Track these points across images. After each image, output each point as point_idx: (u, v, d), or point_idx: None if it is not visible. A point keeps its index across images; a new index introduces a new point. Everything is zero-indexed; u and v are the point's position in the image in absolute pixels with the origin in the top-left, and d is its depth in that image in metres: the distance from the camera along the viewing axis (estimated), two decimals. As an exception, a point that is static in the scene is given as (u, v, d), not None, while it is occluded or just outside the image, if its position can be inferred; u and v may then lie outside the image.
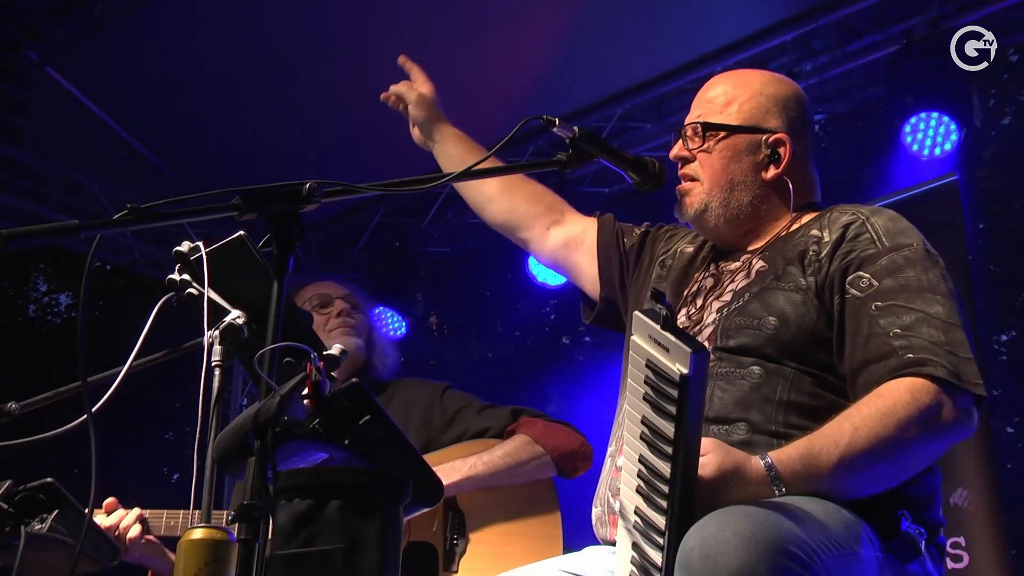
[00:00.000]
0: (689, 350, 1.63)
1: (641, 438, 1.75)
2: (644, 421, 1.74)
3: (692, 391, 1.65)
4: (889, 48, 4.91)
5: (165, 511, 3.09)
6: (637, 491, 1.77)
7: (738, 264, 2.30)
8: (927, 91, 4.66)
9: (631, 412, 1.78)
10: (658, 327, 1.68)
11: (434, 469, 3.02)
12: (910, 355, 1.98)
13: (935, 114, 4.68)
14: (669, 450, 1.69)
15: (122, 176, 6.21)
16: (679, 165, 2.38)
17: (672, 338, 1.66)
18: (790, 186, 2.33)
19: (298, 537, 1.43)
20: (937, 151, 4.75)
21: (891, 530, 1.97)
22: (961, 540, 4.14)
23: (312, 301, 3.44)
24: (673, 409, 1.67)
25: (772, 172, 2.32)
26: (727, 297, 2.23)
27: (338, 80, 5.57)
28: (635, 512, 1.78)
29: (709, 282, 2.31)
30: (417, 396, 3.37)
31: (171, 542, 3.05)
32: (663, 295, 1.72)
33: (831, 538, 1.78)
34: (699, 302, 2.28)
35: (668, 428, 1.69)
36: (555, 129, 2.09)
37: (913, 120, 4.73)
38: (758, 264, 2.25)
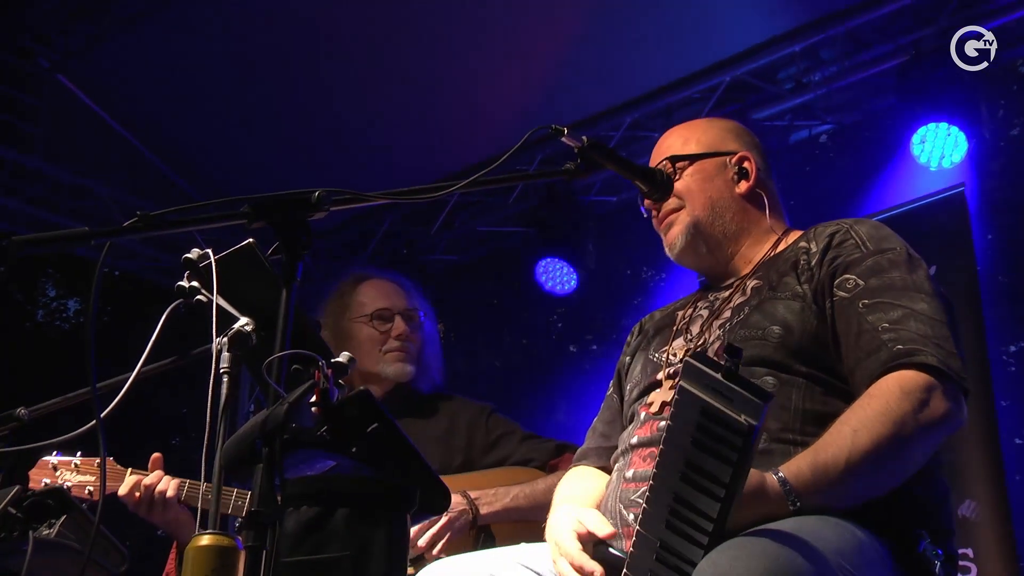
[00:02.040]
0: (761, 402, 1.64)
1: (683, 479, 1.73)
2: (690, 464, 1.72)
3: (756, 438, 1.67)
4: (898, 59, 4.90)
5: (207, 483, 3.07)
6: (669, 527, 1.76)
7: (731, 290, 2.34)
8: (936, 102, 4.65)
9: (669, 452, 1.76)
10: (719, 376, 1.67)
11: (478, 493, 3.06)
12: (900, 346, 2.01)
13: (944, 125, 4.67)
14: (721, 493, 1.70)
15: (132, 183, 6.22)
16: (655, 212, 2.48)
17: (739, 389, 1.66)
18: (765, 199, 2.44)
19: (305, 545, 1.43)
20: (946, 162, 4.73)
21: (907, 549, 1.97)
22: (969, 551, 4.12)
23: (372, 311, 3.39)
24: (734, 456, 1.68)
25: (744, 186, 2.44)
26: (727, 314, 2.27)
27: (347, 88, 5.59)
28: (662, 547, 1.78)
29: (705, 313, 2.35)
30: (462, 415, 3.38)
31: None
32: (739, 350, 1.72)
33: (846, 569, 1.78)
34: (695, 329, 2.32)
35: (724, 472, 1.69)
36: (564, 139, 2.10)
37: (921, 131, 4.71)
38: (752, 283, 2.31)
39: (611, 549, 2.09)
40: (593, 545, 2.04)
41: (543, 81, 5.40)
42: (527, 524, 3.10)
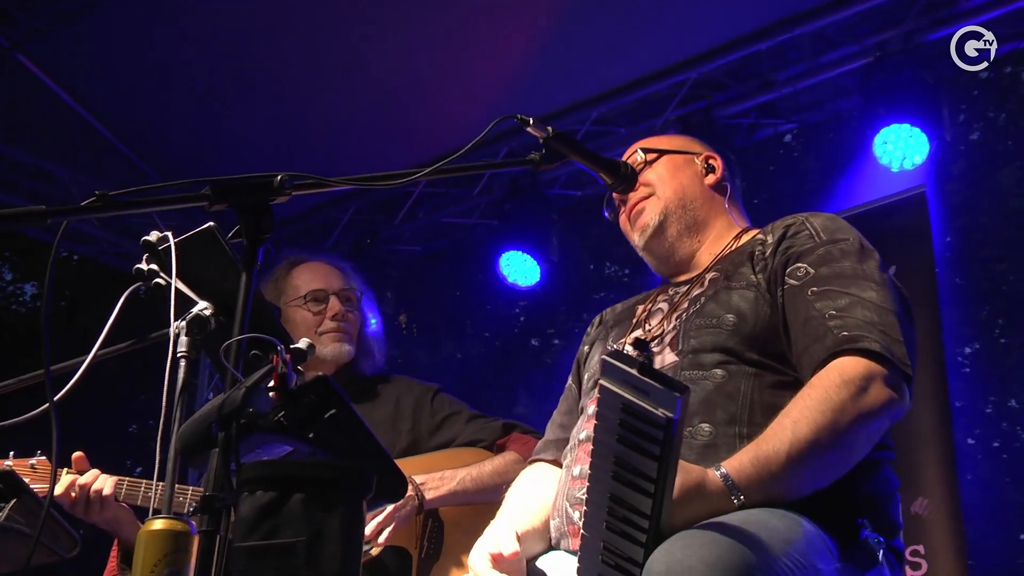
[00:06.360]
0: (677, 395, 1.63)
1: (615, 478, 1.73)
2: (619, 462, 1.72)
3: (676, 431, 1.66)
4: (863, 60, 4.95)
5: (144, 480, 3.01)
6: (608, 528, 1.76)
7: (691, 284, 2.37)
8: (899, 104, 4.69)
9: (600, 452, 1.76)
10: (635, 372, 1.66)
11: (423, 478, 3.04)
12: (844, 333, 2.03)
13: (906, 127, 4.72)
14: (651, 488, 1.70)
15: (92, 165, 6.14)
16: (622, 205, 2.51)
17: (653, 383, 1.65)
18: (729, 191, 2.51)
19: (260, 529, 1.42)
20: (907, 164, 4.79)
21: (850, 538, 1.99)
22: (920, 548, 4.18)
23: (305, 292, 3.34)
24: (657, 450, 1.67)
25: (712, 178, 2.52)
26: (684, 305, 2.29)
27: (313, 73, 5.55)
28: (605, 548, 1.78)
29: (664, 306, 2.37)
30: (406, 397, 3.32)
31: (147, 514, 2.99)
32: (646, 344, 1.71)
33: (795, 558, 1.79)
34: (654, 322, 2.33)
35: (651, 467, 1.69)
36: (529, 128, 2.10)
37: (884, 132, 4.77)
38: (710, 275, 2.34)
39: (536, 564, 2.15)
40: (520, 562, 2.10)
41: (509, 75, 5.40)
42: (475, 507, 3.08)
